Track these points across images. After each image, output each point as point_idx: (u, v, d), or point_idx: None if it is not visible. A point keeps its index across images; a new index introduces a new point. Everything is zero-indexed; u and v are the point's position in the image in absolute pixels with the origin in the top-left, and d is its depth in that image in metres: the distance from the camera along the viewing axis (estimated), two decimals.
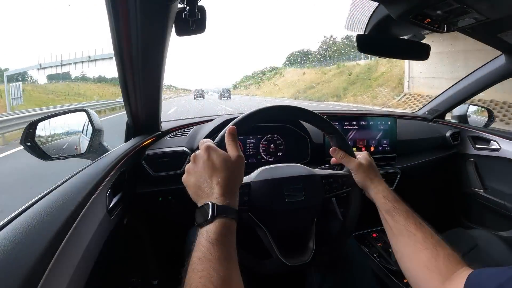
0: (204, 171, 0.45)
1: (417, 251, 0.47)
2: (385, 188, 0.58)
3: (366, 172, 0.61)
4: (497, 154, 1.26)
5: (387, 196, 0.56)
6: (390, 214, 0.54)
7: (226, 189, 0.44)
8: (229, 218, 0.41)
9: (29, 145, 0.73)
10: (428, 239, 0.47)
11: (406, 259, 0.49)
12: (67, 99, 23.34)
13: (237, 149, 0.49)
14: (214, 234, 0.39)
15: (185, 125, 1.05)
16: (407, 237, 0.49)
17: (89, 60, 23.64)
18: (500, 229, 1.21)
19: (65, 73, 32.20)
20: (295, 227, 0.60)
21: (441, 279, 0.42)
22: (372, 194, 0.59)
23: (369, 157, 0.64)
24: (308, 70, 32.56)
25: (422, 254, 0.46)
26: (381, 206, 0.57)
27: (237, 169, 0.47)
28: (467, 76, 1.34)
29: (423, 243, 0.47)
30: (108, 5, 0.49)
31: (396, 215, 0.53)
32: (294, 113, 0.63)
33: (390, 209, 0.54)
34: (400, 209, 0.53)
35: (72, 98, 25.36)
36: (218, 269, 0.36)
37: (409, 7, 0.60)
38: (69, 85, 31.79)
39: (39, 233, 0.38)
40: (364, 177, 0.61)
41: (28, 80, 32.61)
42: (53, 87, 29.75)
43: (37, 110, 10.63)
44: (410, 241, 0.49)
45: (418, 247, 0.47)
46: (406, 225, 0.51)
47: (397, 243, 0.52)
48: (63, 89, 29.12)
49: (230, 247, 0.40)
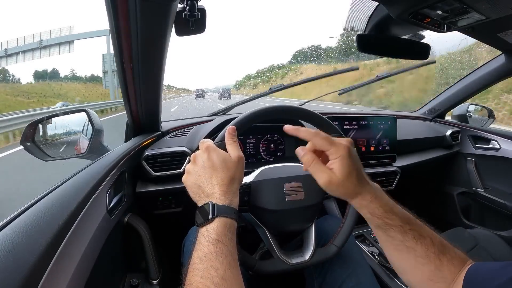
0: (205, 171, 0.45)
1: (419, 265, 0.42)
2: (372, 200, 0.44)
3: (343, 184, 0.44)
4: (497, 153, 1.26)
5: (374, 212, 0.44)
6: (382, 230, 0.44)
7: (227, 189, 0.43)
8: (229, 218, 0.41)
9: (29, 145, 0.73)
10: (430, 250, 0.42)
11: (407, 274, 0.44)
12: (40, 101, 19.22)
13: (238, 149, 0.49)
14: (214, 234, 0.39)
15: (185, 125, 1.05)
16: (406, 253, 0.43)
17: (40, 47, 18.19)
18: (500, 228, 1.21)
19: (54, 71, 29.42)
20: (295, 227, 0.60)
21: (446, 286, 0.40)
22: (356, 208, 0.47)
23: (348, 156, 0.44)
24: (339, 66, 26.55)
25: (425, 268, 0.41)
26: (368, 221, 0.46)
27: (237, 169, 0.46)
28: (467, 76, 1.34)
29: (425, 256, 0.42)
30: (108, 5, 0.48)
31: (390, 231, 0.43)
32: (294, 113, 0.63)
33: (381, 225, 0.44)
34: (394, 224, 0.43)
35: (48, 100, 20.94)
36: (218, 268, 0.36)
37: (409, 7, 0.60)
38: (50, 84, 27.71)
39: (39, 233, 0.38)
40: (341, 193, 0.45)
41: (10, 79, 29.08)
42: (28, 87, 25.19)
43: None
44: (410, 256, 0.43)
45: (420, 262, 0.42)
46: (404, 240, 0.43)
47: (395, 258, 0.45)
48: (41, 89, 24.93)
49: (231, 247, 0.39)
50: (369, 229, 1.01)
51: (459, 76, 1.37)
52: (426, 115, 1.54)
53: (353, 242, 0.73)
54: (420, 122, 1.47)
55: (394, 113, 1.48)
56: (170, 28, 0.55)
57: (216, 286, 0.34)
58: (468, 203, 1.40)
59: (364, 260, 0.65)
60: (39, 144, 0.76)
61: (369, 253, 0.90)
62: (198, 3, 0.52)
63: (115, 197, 0.65)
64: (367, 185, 0.45)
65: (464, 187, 1.40)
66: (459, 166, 1.41)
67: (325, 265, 0.63)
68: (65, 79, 35.42)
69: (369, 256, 0.88)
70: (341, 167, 0.43)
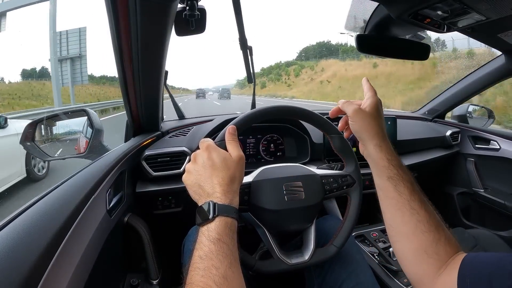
0: (205, 170, 0.45)
1: (418, 232, 0.41)
2: (389, 148, 0.47)
3: (366, 120, 0.49)
4: (497, 154, 1.26)
5: (391, 160, 0.46)
6: (393, 182, 0.44)
7: (227, 188, 0.43)
8: (230, 217, 0.41)
9: (29, 145, 0.73)
10: (432, 220, 0.41)
11: (403, 239, 0.43)
12: (10, 104, 15.40)
13: (238, 148, 0.49)
14: (215, 233, 0.39)
15: (185, 125, 1.05)
16: (409, 215, 0.42)
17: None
18: (500, 228, 1.21)
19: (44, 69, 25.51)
20: (295, 227, 0.60)
21: (437, 265, 0.40)
22: (370, 151, 0.48)
23: (375, 104, 0.50)
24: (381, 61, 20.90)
25: (423, 236, 0.41)
26: (381, 171, 0.46)
27: (237, 168, 0.46)
28: (467, 76, 1.34)
29: (426, 224, 0.41)
30: (108, 5, 0.49)
31: (400, 186, 0.44)
32: (295, 113, 0.63)
33: (394, 177, 0.45)
34: (405, 178, 0.44)
35: (22, 103, 16.69)
36: (219, 267, 0.36)
37: (409, 7, 0.60)
38: (30, 84, 23.20)
39: (39, 233, 0.38)
40: (361, 126, 0.49)
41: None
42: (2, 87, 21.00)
43: None
44: (412, 219, 0.42)
45: (420, 228, 0.41)
46: (410, 200, 0.43)
47: (395, 219, 0.44)
48: (18, 89, 20.73)
49: (232, 246, 0.40)
50: (369, 229, 1.01)
51: None
52: (426, 115, 1.54)
53: (353, 242, 0.73)
54: (420, 122, 1.47)
55: (394, 113, 1.48)
56: (170, 28, 0.55)
57: (217, 285, 0.34)
58: (468, 203, 1.40)
59: (364, 260, 0.65)
60: (39, 144, 0.76)
61: (369, 253, 0.90)
62: (198, 3, 0.52)
63: (115, 197, 0.65)
64: (387, 138, 0.49)
65: (464, 187, 1.40)
66: (459, 166, 1.41)
67: (325, 265, 0.63)
68: None
69: (369, 256, 0.88)
70: (371, 104, 0.50)
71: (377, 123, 0.49)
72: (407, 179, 0.45)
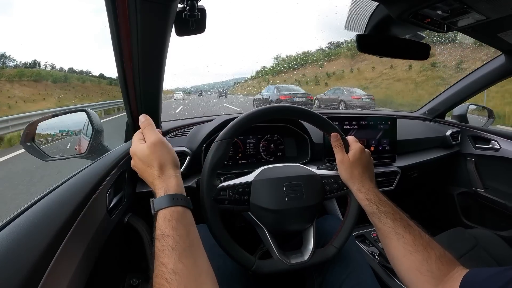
0: (139, 171, 0.48)
1: (407, 253, 0.46)
2: (369, 189, 0.55)
3: (348, 169, 0.57)
4: (497, 153, 1.26)
5: (370, 199, 0.54)
6: (376, 216, 0.52)
7: (158, 181, 0.44)
8: (167, 208, 0.41)
9: (29, 145, 0.73)
10: (418, 240, 0.46)
11: (397, 262, 0.48)
12: None
13: (152, 133, 0.48)
14: (157, 230, 0.40)
15: (185, 125, 1.05)
16: (396, 240, 0.48)
17: None
18: (500, 228, 1.22)
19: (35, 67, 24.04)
20: (294, 227, 0.60)
21: (433, 282, 0.41)
22: (354, 193, 0.57)
23: (360, 152, 0.59)
24: None
25: (412, 257, 0.45)
26: (364, 208, 0.55)
27: (155, 155, 0.46)
28: (467, 76, 1.34)
29: (413, 245, 0.46)
30: (108, 5, 0.48)
31: (383, 217, 0.51)
32: (295, 113, 0.63)
33: (375, 212, 0.52)
34: (385, 211, 0.51)
35: None
36: (167, 263, 0.36)
37: (409, 7, 0.60)
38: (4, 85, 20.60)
39: (39, 233, 0.38)
40: (347, 174, 0.57)
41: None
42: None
43: None
44: (399, 243, 0.47)
45: (408, 250, 0.46)
46: (394, 227, 0.49)
47: (387, 246, 0.50)
48: None
49: (177, 236, 0.39)
50: (369, 229, 1.01)
51: None
52: (426, 115, 1.54)
53: (353, 242, 0.73)
54: (420, 122, 1.47)
55: (394, 113, 1.48)
56: (170, 28, 0.55)
57: (168, 282, 0.34)
58: (468, 203, 1.40)
59: (364, 260, 0.65)
60: (39, 144, 0.76)
61: (369, 253, 0.89)
62: (198, 3, 0.52)
63: (115, 197, 0.65)
64: (368, 179, 0.57)
65: (464, 187, 1.40)
66: (459, 166, 1.41)
67: (325, 265, 0.63)
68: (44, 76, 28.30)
69: (369, 256, 0.88)
70: (353, 153, 0.59)
71: (358, 171, 0.57)
72: (388, 211, 0.51)
